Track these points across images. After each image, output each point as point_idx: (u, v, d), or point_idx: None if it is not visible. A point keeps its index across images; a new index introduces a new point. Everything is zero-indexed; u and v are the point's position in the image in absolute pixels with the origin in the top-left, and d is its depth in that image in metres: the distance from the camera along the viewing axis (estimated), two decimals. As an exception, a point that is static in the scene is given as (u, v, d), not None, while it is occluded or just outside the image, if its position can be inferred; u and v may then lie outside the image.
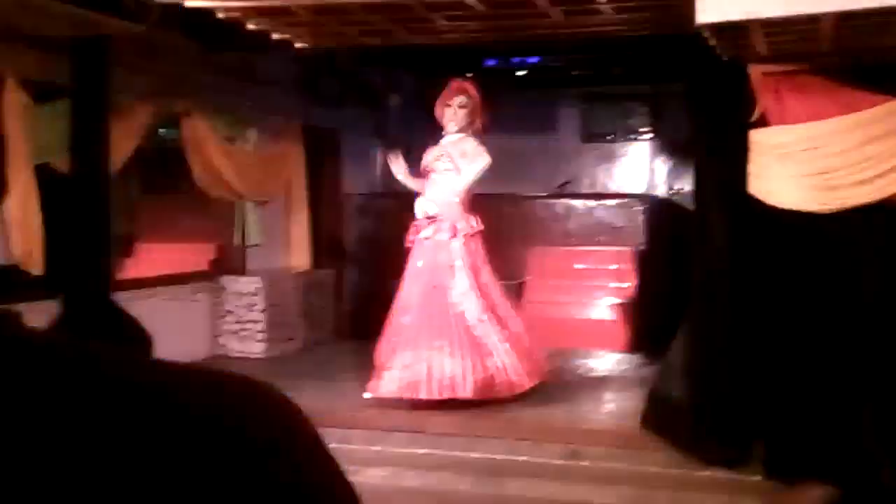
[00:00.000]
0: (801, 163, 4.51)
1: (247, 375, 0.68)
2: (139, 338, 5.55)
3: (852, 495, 3.06)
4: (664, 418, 4.80)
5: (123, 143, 6.01)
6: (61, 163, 5.62)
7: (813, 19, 3.85)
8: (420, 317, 5.46)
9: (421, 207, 5.69)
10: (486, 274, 5.64)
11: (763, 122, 4.61)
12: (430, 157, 5.80)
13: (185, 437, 0.58)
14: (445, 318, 5.42)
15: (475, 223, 5.67)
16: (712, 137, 4.71)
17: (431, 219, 5.62)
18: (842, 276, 4.58)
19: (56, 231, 5.51)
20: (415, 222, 5.72)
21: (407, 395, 5.33)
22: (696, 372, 4.71)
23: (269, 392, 0.67)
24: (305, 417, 0.67)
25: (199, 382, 0.64)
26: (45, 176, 5.52)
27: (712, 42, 4.28)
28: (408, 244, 5.74)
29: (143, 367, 0.63)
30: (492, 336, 5.45)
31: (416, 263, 5.64)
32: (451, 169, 5.66)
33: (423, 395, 5.30)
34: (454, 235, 5.58)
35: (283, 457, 0.63)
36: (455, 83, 5.83)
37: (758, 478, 4.44)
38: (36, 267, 5.40)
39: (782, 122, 4.57)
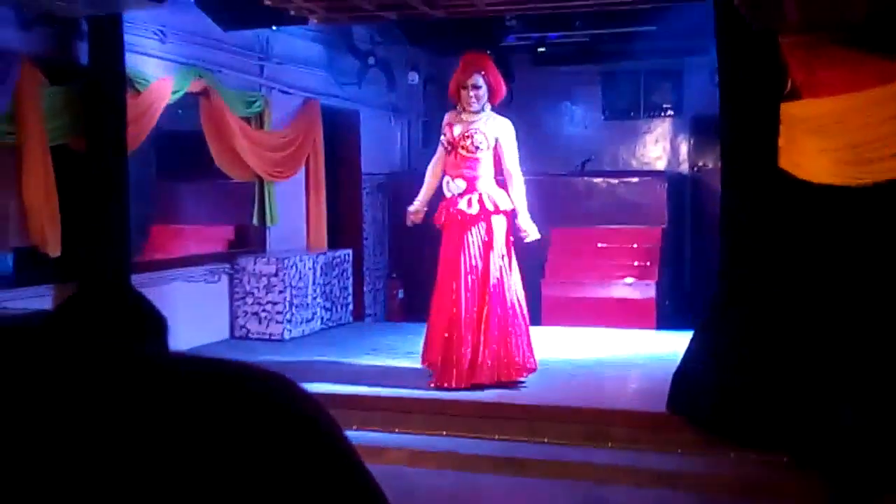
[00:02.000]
0: (833, 136, 4.37)
1: (264, 370, 0.66)
2: (154, 322, 5.51)
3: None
4: (690, 400, 4.71)
5: (140, 123, 5.96)
6: (78, 144, 5.58)
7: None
8: (466, 304, 5.34)
9: (450, 186, 5.48)
10: (507, 255, 5.46)
11: (794, 95, 4.47)
12: (454, 133, 5.51)
13: (201, 437, 0.57)
14: (479, 303, 5.33)
15: (509, 199, 5.47)
16: (741, 111, 4.57)
17: (462, 195, 5.42)
18: (876, 253, 4.45)
19: (74, 213, 5.48)
20: (445, 201, 5.51)
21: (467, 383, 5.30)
22: (723, 353, 4.61)
23: (289, 387, 0.65)
24: (323, 410, 0.65)
25: (216, 380, 0.64)
26: (62, 158, 5.48)
27: (743, 12, 4.15)
28: (438, 222, 5.56)
29: (146, 365, 0.61)
30: (508, 318, 5.36)
31: (453, 243, 5.44)
32: (481, 147, 5.44)
33: (465, 384, 5.31)
34: (487, 213, 5.38)
35: (304, 452, 0.64)
36: (468, 59, 5.57)
37: (784, 460, 4.36)
38: (53, 249, 5.37)
39: (814, 94, 4.43)
